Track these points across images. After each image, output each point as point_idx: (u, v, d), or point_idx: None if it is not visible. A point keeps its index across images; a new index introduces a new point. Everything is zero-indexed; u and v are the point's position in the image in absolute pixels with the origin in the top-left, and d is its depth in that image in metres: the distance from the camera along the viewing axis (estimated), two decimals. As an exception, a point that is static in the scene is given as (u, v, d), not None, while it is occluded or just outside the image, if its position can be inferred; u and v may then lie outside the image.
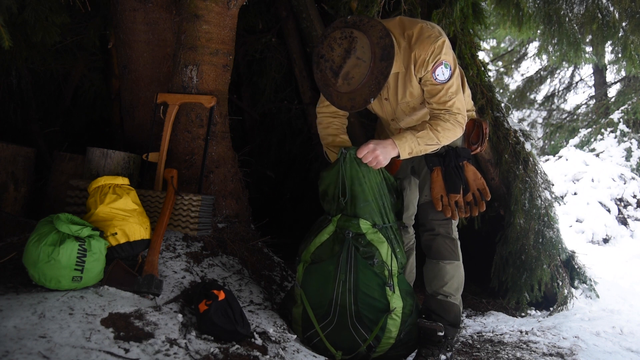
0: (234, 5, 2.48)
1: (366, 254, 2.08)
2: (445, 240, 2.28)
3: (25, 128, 3.31)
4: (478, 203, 2.31)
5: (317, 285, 2.12)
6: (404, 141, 2.08)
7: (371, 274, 2.08)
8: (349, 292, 2.07)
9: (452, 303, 2.27)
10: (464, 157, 2.30)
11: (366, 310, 2.08)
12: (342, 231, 2.10)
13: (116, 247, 1.99)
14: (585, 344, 2.57)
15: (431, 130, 2.08)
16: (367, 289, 2.07)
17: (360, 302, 2.07)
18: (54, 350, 1.44)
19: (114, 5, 2.68)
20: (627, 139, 8.20)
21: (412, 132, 2.09)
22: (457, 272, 2.29)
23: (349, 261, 2.08)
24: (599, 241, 6.31)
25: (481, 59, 3.22)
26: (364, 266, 2.07)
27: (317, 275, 2.12)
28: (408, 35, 2.05)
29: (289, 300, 2.27)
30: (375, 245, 2.10)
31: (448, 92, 2.07)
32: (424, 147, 2.11)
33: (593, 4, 3.88)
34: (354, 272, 2.07)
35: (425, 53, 2.01)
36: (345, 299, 2.08)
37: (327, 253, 2.12)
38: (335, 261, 2.09)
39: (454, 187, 2.25)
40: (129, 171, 2.47)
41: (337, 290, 2.08)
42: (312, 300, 2.13)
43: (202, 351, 1.66)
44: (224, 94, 2.60)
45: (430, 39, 2.01)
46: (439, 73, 2.04)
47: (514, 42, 11.83)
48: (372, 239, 2.10)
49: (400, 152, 2.08)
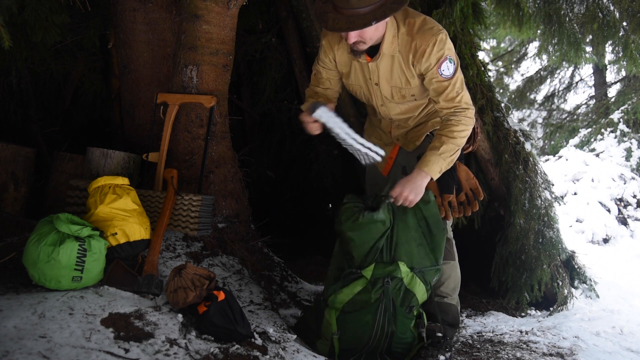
0: (234, 5, 2.48)
1: (404, 303, 2.05)
2: None
3: (25, 128, 3.31)
4: (471, 203, 2.31)
5: (352, 334, 2.07)
6: (430, 165, 2.03)
7: (407, 321, 2.08)
8: (385, 337, 2.06)
9: (449, 304, 2.27)
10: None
11: (397, 348, 2.09)
12: (380, 279, 2.03)
13: (116, 247, 1.99)
14: (585, 344, 2.57)
15: (449, 140, 2.04)
16: (403, 332, 2.08)
17: (394, 343, 2.08)
18: (54, 350, 1.44)
19: (114, 5, 2.68)
20: (627, 139, 8.19)
21: (434, 152, 2.04)
22: (453, 272, 2.30)
23: (390, 311, 2.04)
24: (599, 241, 6.31)
25: (481, 59, 3.22)
26: (402, 315, 2.06)
27: (352, 325, 2.07)
28: (410, 23, 2.01)
29: (307, 331, 2.19)
30: (413, 292, 2.05)
31: (455, 88, 2.04)
32: (450, 160, 2.07)
33: (594, 3, 3.88)
34: (393, 322, 2.05)
35: (425, 44, 1.98)
36: (380, 341, 2.07)
37: (363, 303, 2.05)
38: (373, 311, 2.03)
39: (447, 188, 2.24)
40: (129, 171, 2.47)
41: (375, 337, 2.06)
42: (344, 345, 2.08)
43: (202, 351, 1.66)
44: (224, 94, 2.60)
45: (433, 30, 1.99)
46: (444, 69, 2.00)
47: (514, 42, 11.82)
48: (410, 284, 2.05)
49: (433, 176, 2.05)
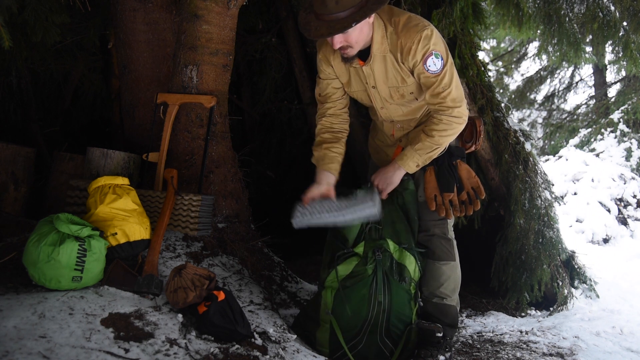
0: (234, 5, 2.48)
1: (397, 274, 2.13)
2: (441, 241, 2.26)
3: (25, 128, 3.31)
4: (473, 202, 2.30)
5: (351, 310, 2.11)
6: (405, 159, 2.13)
7: (403, 292, 2.13)
8: (383, 312, 2.10)
9: (449, 305, 2.26)
10: (458, 156, 2.30)
11: (395, 326, 2.11)
12: (371, 253, 2.13)
13: (116, 247, 1.99)
14: (585, 344, 2.57)
15: (426, 138, 2.09)
16: (400, 306, 2.11)
17: (392, 319, 2.10)
18: (54, 350, 1.44)
19: (114, 5, 2.68)
20: (627, 139, 8.19)
21: (410, 147, 2.14)
22: (453, 273, 2.28)
23: (384, 282, 2.11)
24: (599, 241, 6.30)
25: (481, 59, 3.22)
26: (396, 286, 2.12)
27: (350, 299, 2.11)
28: (395, 22, 2.01)
29: (307, 321, 2.23)
30: (404, 264, 2.15)
31: (442, 84, 2.02)
32: (427, 157, 2.13)
33: (594, 3, 3.88)
34: (388, 293, 2.10)
35: (410, 42, 1.97)
36: (378, 319, 2.10)
37: (359, 277, 2.12)
38: (368, 284, 2.10)
39: (448, 186, 2.24)
40: (129, 171, 2.47)
41: (372, 312, 2.09)
42: (344, 324, 2.11)
43: (202, 351, 1.66)
44: (224, 94, 2.60)
45: (417, 27, 1.98)
46: (430, 64, 1.98)
47: (514, 42, 11.83)
48: (400, 258, 2.15)
49: (407, 169, 2.15)
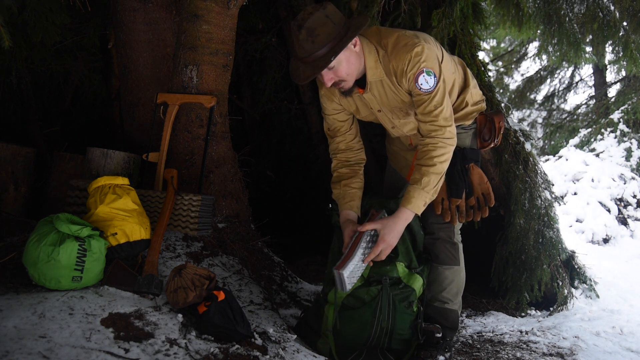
0: (234, 5, 2.48)
1: (403, 298, 2.07)
2: (445, 245, 2.22)
3: (25, 128, 3.31)
4: (481, 208, 2.21)
5: (352, 331, 2.07)
6: (414, 201, 1.96)
7: (407, 316, 2.08)
8: (385, 335, 2.06)
9: (450, 309, 2.25)
10: (471, 160, 2.20)
11: (397, 344, 2.09)
12: (377, 277, 2.06)
13: (116, 247, 1.99)
14: (585, 344, 2.57)
15: (429, 171, 1.96)
16: (402, 329, 2.08)
17: (393, 340, 2.08)
18: (54, 350, 1.44)
19: (114, 5, 2.68)
20: (627, 139, 8.19)
21: (416, 187, 1.96)
22: (456, 278, 2.24)
23: (389, 308, 2.05)
24: (599, 241, 6.30)
25: (481, 59, 3.22)
26: (401, 311, 2.07)
27: (352, 321, 2.07)
28: (384, 44, 1.95)
29: (308, 330, 2.20)
30: (411, 286, 2.08)
31: (433, 102, 1.93)
32: (434, 191, 1.99)
33: (594, 3, 3.88)
34: (391, 318, 2.05)
35: (402, 63, 1.91)
36: (379, 340, 2.07)
37: (361, 300, 2.07)
38: (372, 308, 2.04)
39: (457, 192, 2.16)
40: (129, 171, 2.47)
41: (374, 335, 2.06)
42: (343, 343, 2.08)
43: (202, 351, 1.66)
44: (224, 94, 2.60)
45: (407, 47, 1.89)
46: (422, 82, 1.90)
47: (514, 42, 11.83)
48: (409, 281, 2.09)
49: (417, 212, 2.00)
